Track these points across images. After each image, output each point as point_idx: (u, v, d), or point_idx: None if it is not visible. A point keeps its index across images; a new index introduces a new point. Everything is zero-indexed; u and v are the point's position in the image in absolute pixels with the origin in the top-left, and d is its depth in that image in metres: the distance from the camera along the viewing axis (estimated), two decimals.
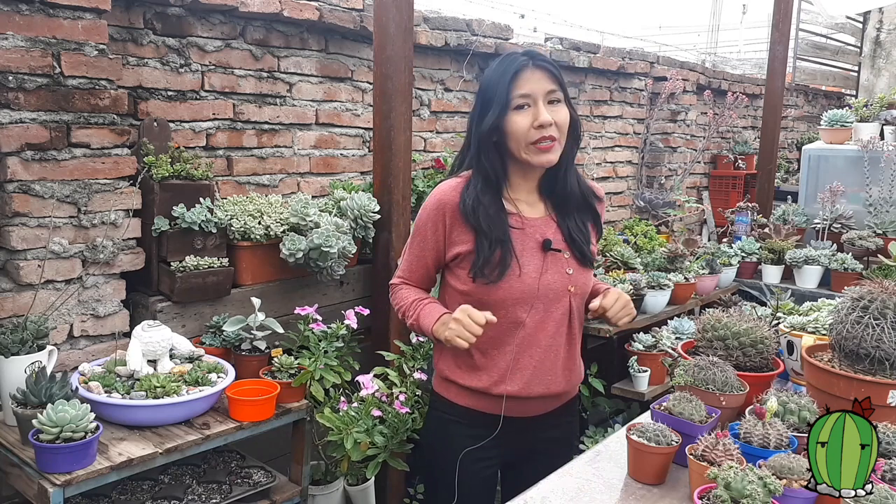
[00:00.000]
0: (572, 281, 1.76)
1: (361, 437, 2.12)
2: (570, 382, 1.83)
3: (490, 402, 1.77)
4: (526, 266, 1.71)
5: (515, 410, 1.78)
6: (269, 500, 2.12)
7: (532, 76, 1.67)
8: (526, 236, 1.74)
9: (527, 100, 1.67)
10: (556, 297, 1.74)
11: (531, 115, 1.67)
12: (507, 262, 1.69)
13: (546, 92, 1.68)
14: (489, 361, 1.76)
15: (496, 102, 1.68)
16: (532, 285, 1.71)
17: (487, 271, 1.69)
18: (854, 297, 1.60)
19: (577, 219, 1.79)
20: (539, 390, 1.76)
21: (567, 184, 1.77)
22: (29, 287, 2.03)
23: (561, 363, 1.78)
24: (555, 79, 1.69)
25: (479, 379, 1.76)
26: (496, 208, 1.72)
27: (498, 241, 1.70)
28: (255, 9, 2.67)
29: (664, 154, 5.18)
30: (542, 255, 1.73)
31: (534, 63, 1.68)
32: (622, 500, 1.44)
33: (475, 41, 3.63)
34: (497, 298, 1.70)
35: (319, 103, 3.06)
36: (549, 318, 1.74)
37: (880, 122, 4.14)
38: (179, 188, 2.30)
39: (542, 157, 1.69)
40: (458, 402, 1.82)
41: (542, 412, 1.84)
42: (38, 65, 1.97)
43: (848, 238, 3.74)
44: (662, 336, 3.00)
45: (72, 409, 1.65)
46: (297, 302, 2.44)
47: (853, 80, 8.02)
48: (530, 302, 1.71)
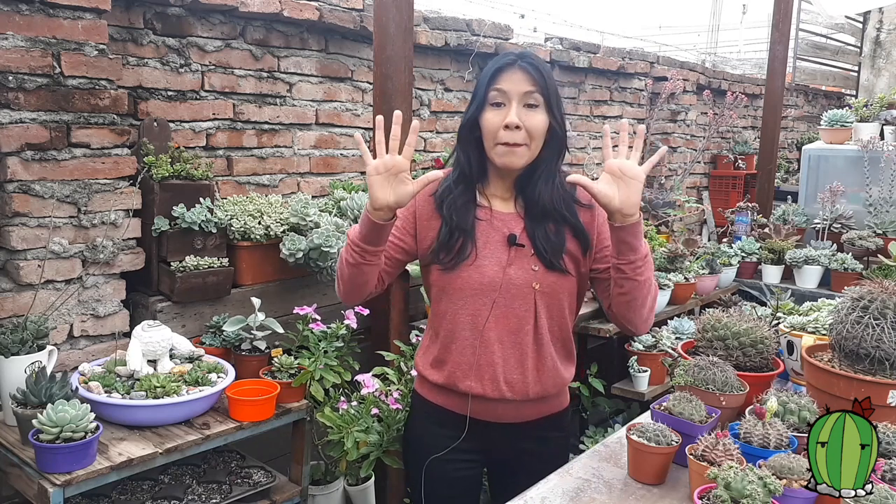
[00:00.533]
0: (538, 278, 1.69)
1: (361, 437, 2.12)
2: (545, 386, 1.73)
3: (458, 401, 1.74)
4: (487, 258, 1.69)
5: (487, 413, 1.74)
6: (269, 500, 2.11)
7: (512, 76, 1.64)
8: (492, 229, 1.72)
9: (502, 97, 1.64)
10: (518, 292, 1.69)
11: (503, 114, 1.63)
12: (465, 250, 1.69)
13: (522, 93, 1.63)
14: (450, 355, 1.73)
15: (476, 97, 1.68)
16: (493, 277, 1.68)
17: (444, 257, 1.69)
18: (854, 297, 1.60)
19: (546, 224, 1.71)
20: (505, 391, 1.70)
21: (536, 191, 1.70)
22: (29, 287, 2.03)
23: (530, 364, 1.71)
24: (535, 82, 1.63)
25: (442, 373, 1.75)
26: (465, 199, 1.71)
27: (459, 229, 1.69)
28: (255, 9, 2.67)
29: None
30: (507, 248, 1.70)
31: (519, 63, 1.64)
32: (622, 500, 1.44)
33: (475, 41, 3.63)
34: (456, 286, 1.70)
35: (319, 103, 3.06)
36: (511, 314, 1.69)
37: (880, 122, 4.14)
38: (179, 188, 2.30)
39: (504, 159, 1.65)
40: (430, 399, 1.81)
41: (520, 420, 1.76)
42: (38, 65, 1.97)
43: (848, 238, 3.74)
44: (662, 336, 3.00)
45: (72, 409, 1.65)
46: (296, 302, 2.44)
47: (853, 80, 8.03)
48: (490, 294, 1.68)
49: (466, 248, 1.69)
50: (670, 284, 3.27)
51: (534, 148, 1.66)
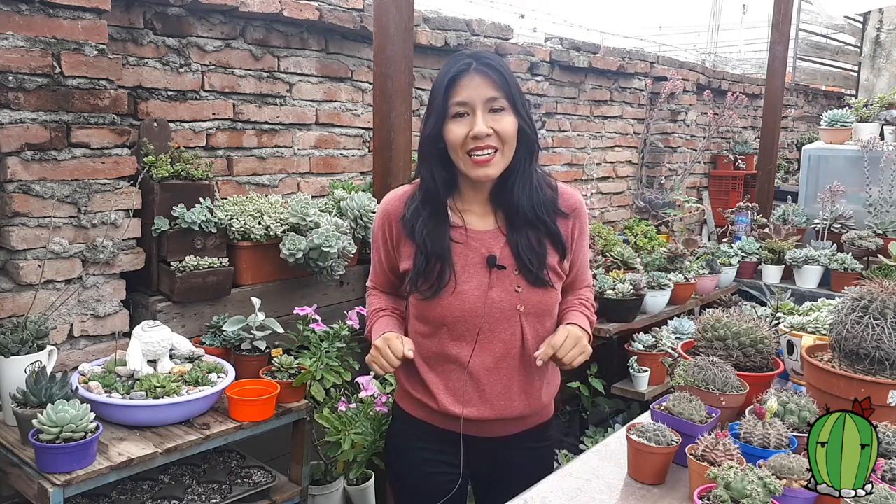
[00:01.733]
0: (521, 300, 1.60)
1: (359, 439, 2.12)
2: (531, 405, 1.68)
3: (444, 420, 1.68)
4: (467, 283, 1.60)
5: (469, 429, 1.66)
6: (269, 500, 2.11)
7: (471, 82, 1.54)
8: (469, 250, 1.62)
9: (465, 108, 1.54)
10: (503, 316, 1.60)
11: (468, 124, 1.54)
12: (444, 277, 1.59)
13: (485, 99, 1.53)
14: (436, 378, 1.66)
15: (435, 109, 1.57)
16: (475, 303, 1.59)
17: (422, 286, 1.60)
18: (854, 297, 1.60)
19: (529, 235, 1.62)
20: (490, 414, 1.64)
21: (514, 197, 1.61)
22: (29, 287, 2.03)
23: (517, 387, 1.65)
24: (497, 85, 1.54)
25: (431, 398, 1.67)
26: (437, 221, 1.61)
27: (436, 255, 1.59)
28: (255, 9, 2.67)
29: (664, 154, 5.18)
30: (486, 271, 1.61)
31: (476, 67, 1.54)
32: (622, 500, 1.44)
33: (475, 41, 3.63)
34: (436, 315, 1.61)
35: (319, 103, 3.06)
36: (497, 339, 1.61)
37: (880, 122, 4.15)
38: (179, 188, 2.30)
39: (478, 171, 1.56)
40: (413, 415, 1.74)
41: (505, 434, 1.71)
42: (38, 65, 1.97)
43: (848, 238, 3.74)
44: (662, 336, 3.00)
45: (72, 409, 1.65)
46: (297, 302, 2.44)
47: (853, 80, 8.03)
48: (473, 321, 1.60)
49: (445, 274, 1.59)
50: (670, 284, 3.27)
51: (507, 153, 1.57)
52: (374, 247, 1.76)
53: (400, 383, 1.79)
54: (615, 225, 4.73)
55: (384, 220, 1.69)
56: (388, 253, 1.71)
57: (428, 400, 1.68)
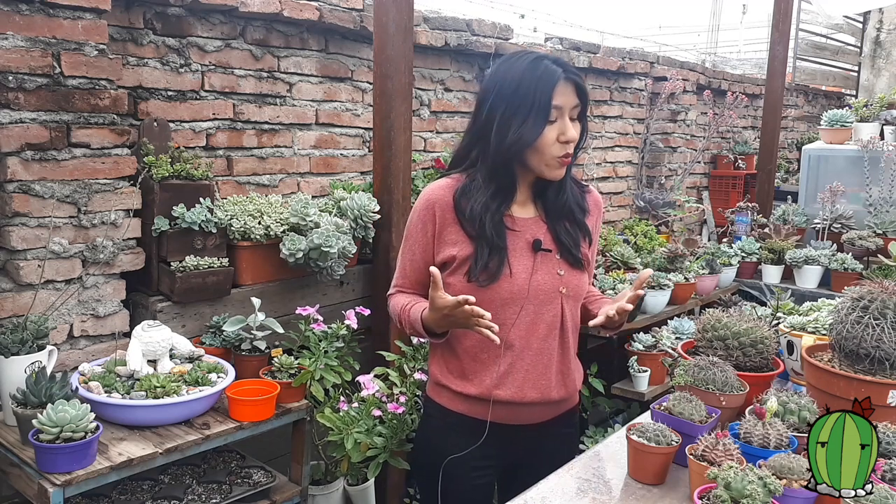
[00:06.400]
0: (564, 282, 1.72)
1: (362, 438, 2.12)
2: (567, 389, 1.79)
3: (484, 408, 1.73)
4: (516, 266, 1.69)
5: (510, 417, 1.74)
6: (269, 500, 2.12)
7: (565, 89, 1.64)
8: (517, 237, 1.72)
9: (557, 112, 1.64)
10: (546, 298, 1.71)
11: (557, 129, 1.64)
12: (503, 267, 1.68)
13: (572, 106, 1.66)
14: (479, 366, 1.72)
15: (534, 113, 1.62)
16: (522, 286, 1.68)
17: (483, 277, 1.67)
18: (854, 297, 1.60)
19: (566, 223, 1.77)
20: (533, 396, 1.72)
21: (562, 193, 1.75)
22: (29, 287, 2.03)
23: (555, 368, 1.74)
24: (580, 93, 1.66)
25: (471, 384, 1.72)
26: (501, 215, 1.70)
27: (498, 248, 1.68)
28: (255, 9, 2.67)
29: (664, 154, 5.18)
30: (532, 255, 1.71)
31: (567, 76, 1.64)
32: (622, 500, 1.44)
33: (475, 41, 3.63)
34: (485, 298, 1.66)
35: (319, 103, 3.06)
36: (540, 321, 1.71)
37: (880, 122, 4.14)
38: (179, 188, 2.30)
39: (558, 172, 1.68)
40: (450, 408, 1.78)
41: (539, 420, 1.79)
42: (38, 65, 1.97)
43: (848, 238, 3.74)
44: (662, 336, 3.00)
45: (72, 409, 1.65)
46: (297, 302, 2.44)
47: (853, 80, 8.02)
48: (520, 303, 1.68)
49: (503, 264, 1.68)
50: (670, 284, 3.27)
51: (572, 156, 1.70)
52: (406, 244, 1.79)
53: (433, 377, 1.82)
54: (615, 225, 4.73)
55: (428, 207, 1.72)
56: (428, 243, 1.74)
57: (467, 386, 1.73)
